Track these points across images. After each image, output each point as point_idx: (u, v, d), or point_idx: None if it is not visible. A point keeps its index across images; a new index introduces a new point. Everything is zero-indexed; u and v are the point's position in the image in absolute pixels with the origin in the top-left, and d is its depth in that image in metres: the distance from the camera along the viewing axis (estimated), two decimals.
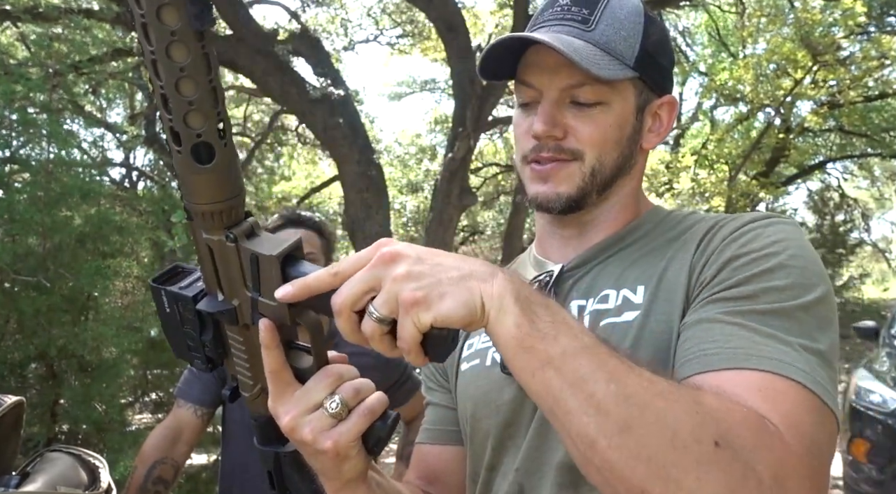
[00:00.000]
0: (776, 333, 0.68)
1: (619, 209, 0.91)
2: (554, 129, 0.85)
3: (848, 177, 17.37)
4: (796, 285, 0.71)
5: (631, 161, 0.90)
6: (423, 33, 12.72)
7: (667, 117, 0.90)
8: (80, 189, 3.77)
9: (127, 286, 4.37)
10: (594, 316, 0.82)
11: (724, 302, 0.72)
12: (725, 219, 0.83)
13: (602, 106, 0.84)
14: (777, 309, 0.70)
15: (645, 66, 0.85)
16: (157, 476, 1.78)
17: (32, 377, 4.04)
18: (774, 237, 0.75)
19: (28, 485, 1.40)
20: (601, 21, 0.83)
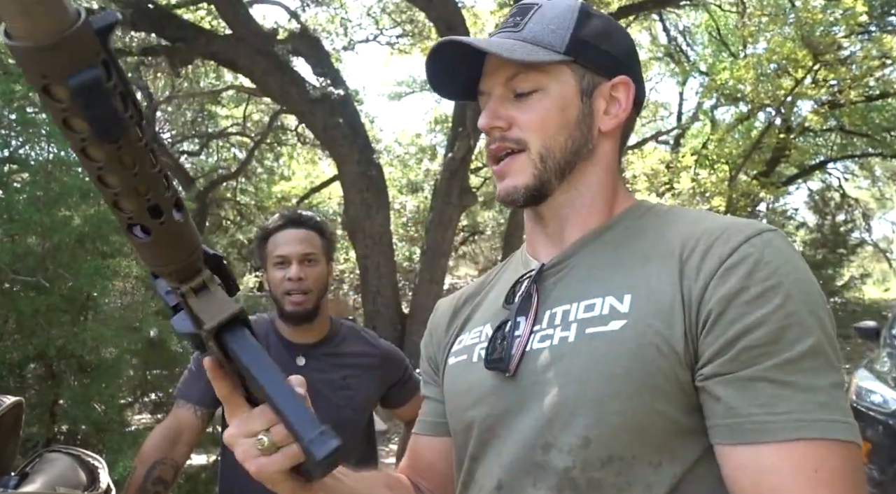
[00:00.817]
0: (812, 383, 0.71)
1: (592, 200, 0.93)
2: (496, 120, 0.90)
3: (849, 177, 17.39)
4: (807, 319, 0.74)
5: (588, 145, 0.91)
6: (423, 33, 12.71)
7: (623, 98, 0.91)
8: (80, 189, 3.76)
9: (126, 286, 4.36)
10: (581, 324, 0.82)
11: (748, 351, 0.73)
12: (711, 234, 0.81)
13: (539, 92, 0.89)
14: (803, 353, 0.72)
15: (579, 51, 0.89)
16: (157, 477, 1.77)
17: (31, 377, 4.04)
18: (774, 263, 0.76)
19: (27, 486, 1.40)
20: (530, 22, 0.90)
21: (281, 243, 1.89)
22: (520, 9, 0.93)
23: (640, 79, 0.95)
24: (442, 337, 1.05)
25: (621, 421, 0.76)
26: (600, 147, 0.93)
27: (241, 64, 8.49)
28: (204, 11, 10.60)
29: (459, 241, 18.34)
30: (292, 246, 1.87)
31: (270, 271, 1.90)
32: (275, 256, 1.88)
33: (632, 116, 0.94)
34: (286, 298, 1.86)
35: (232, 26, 8.51)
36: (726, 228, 0.81)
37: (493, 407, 0.87)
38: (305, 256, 1.87)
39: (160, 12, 8.34)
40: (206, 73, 13.00)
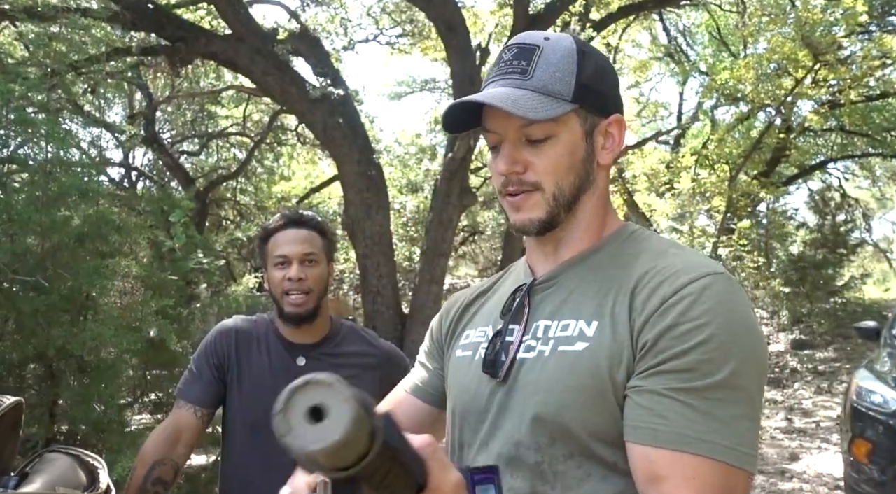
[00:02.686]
0: (711, 410, 0.83)
1: (585, 226, 1.05)
2: (514, 166, 1.01)
3: (849, 177, 17.39)
4: (727, 355, 0.85)
5: (590, 178, 1.03)
6: (422, 33, 12.71)
7: (617, 133, 1.03)
8: (79, 188, 3.76)
9: (126, 286, 4.36)
10: (556, 341, 0.96)
11: (666, 374, 0.86)
12: (662, 273, 0.93)
13: (551, 139, 0.99)
14: (710, 384, 0.84)
15: (583, 96, 0.99)
16: (157, 477, 1.77)
17: (31, 377, 4.04)
18: (707, 304, 0.87)
19: (27, 486, 1.40)
20: (537, 69, 0.98)
21: (282, 243, 1.89)
22: (522, 51, 1.01)
23: (622, 108, 1.07)
24: (453, 325, 1.20)
25: (579, 426, 0.91)
26: (598, 179, 1.05)
27: (240, 64, 8.48)
28: (204, 11, 10.60)
29: (459, 241, 18.33)
30: (293, 246, 1.88)
31: (271, 271, 1.89)
32: (275, 256, 1.88)
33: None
34: (286, 298, 1.86)
35: (232, 26, 8.50)
36: (676, 270, 0.92)
37: (484, 405, 1.01)
38: (306, 256, 1.87)
39: (160, 12, 8.33)
40: (206, 73, 13.00)
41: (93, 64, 6.15)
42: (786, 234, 15.07)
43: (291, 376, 1.97)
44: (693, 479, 0.82)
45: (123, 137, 10.33)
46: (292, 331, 1.91)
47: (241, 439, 1.86)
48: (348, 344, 1.96)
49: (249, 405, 1.85)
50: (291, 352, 1.90)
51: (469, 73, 9.09)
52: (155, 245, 4.85)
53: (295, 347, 1.91)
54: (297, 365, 1.85)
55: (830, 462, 6.35)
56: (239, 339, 1.91)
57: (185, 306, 5.08)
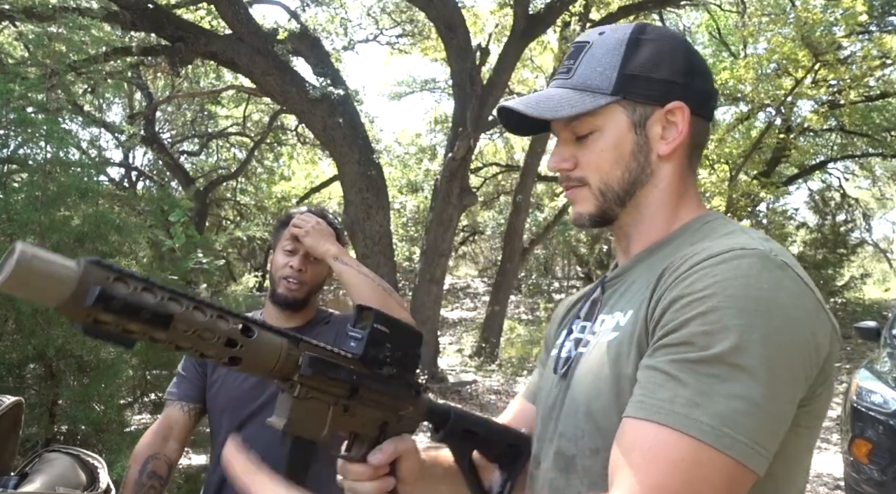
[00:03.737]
0: (700, 384, 0.76)
1: (650, 220, 1.01)
2: (562, 163, 1.02)
3: (849, 177, 17.37)
4: (727, 328, 0.77)
5: (646, 171, 0.99)
6: (422, 33, 12.71)
7: (680, 121, 0.97)
8: (78, 188, 3.76)
9: None
10: (601, 335, 0.96)
11: (664, 348, 0.81)
12: (692, 252, 0.87)
13: (595, 133, 0.98)
14: (705, 358, 0.77)
15: (627, 87, 0.96)
16: (151, 471, 1.82)
17: (31, 377, 4.03)
18: (719, 277, 0.80)
19: (27, 486, 1.40)
20: (580, 66, 0.99)
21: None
22: (574, 49, 1.02)
23: (703, 91, 0.99)
24: (558, 329, 1.19)
25: (604, 419, 0.88)
26: (660, 170, 1.00)
27: (240, 63, 8.47)
28: (204, 11, 10.60)
29: (459, 241, 18.33)
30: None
31: (277, 253, 1.99)
32: (286, 240, 1.96)
33: (698, 129, 1.00)
34: (282, 282, 1.95)
35: (232, 26, 8.50)
36: (705, 249, 0.86)
37: (552, 403, 1.02)
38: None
39: (160, 12, 8.33)
40: (206, 73, 13.00)
41: (92, 64, 6.14)
42: (786, 234, 15.06)
43: None
44: (649, 449, 0.76)
45: (123, 137, 10.33)
46: (279, 316, 1.99)
47: (219, 426, 1.93)
48: (330, 329, 2.02)
49: (226, 388, 1.92)
50: None
51: (469, 73, 9.09)
52: (155, 245, 4.85)
53: None
54: None
55: (830, 462, 6.35)
56: None
57: None
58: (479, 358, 11.33)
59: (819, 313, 0.82)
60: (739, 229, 0.93)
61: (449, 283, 16.07)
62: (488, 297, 12.95)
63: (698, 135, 1.00)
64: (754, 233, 0.90)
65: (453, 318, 16.28)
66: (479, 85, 9.24)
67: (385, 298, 1.84)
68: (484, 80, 9.64)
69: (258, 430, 1.85)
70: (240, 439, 1.82)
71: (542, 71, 13.96)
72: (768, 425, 0.76)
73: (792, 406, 0.79)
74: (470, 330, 14.34)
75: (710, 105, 1.01)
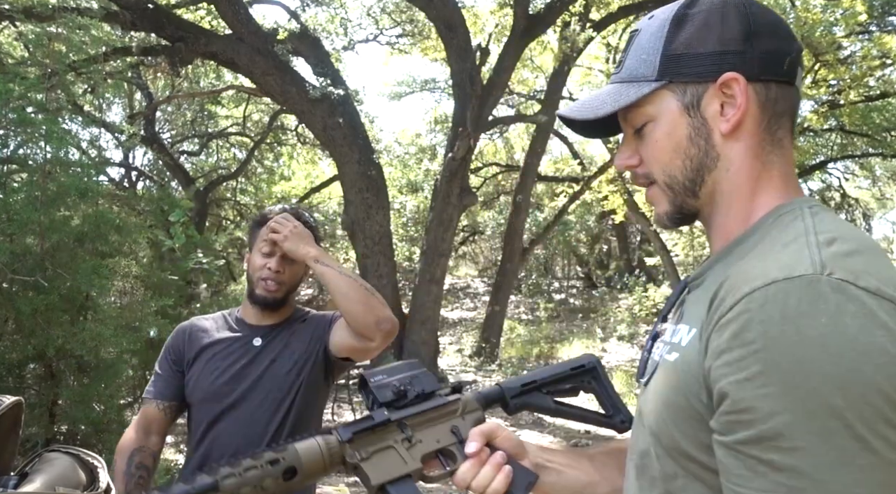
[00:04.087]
0: (794, 463, 0.67)
1: (725, 209, 0.91)
2: (626, 160, 0.97)
3: (849, 177, 17.34)
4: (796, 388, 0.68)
5: (710, 155, 0.90)
6: (422, 33, 12.71)
7: (738, 93, 0.86)
8: (78, 188, 3.76)
9: (126, 286, 4.36)
10: (670, 347, 0.89)
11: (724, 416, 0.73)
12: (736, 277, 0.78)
13: (649, 124, 0.92)
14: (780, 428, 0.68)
15: (672, 68, 0.89)
16: (139, 463, 1.88)
17: (31, 377, 4.03)
18: (764, 325, 0.70)
19: (26, 486, 1.39)
20: (628, 58, 0.94)
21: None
22: (627, 42, 0.96)
23: (770, 51, 0.87)
24: None
25: (667, 440, 0.83)
26: (728, 152, 0.89)
27: (240, 63, 8.48)
28: (204, 11, 10.59)
29: (459, 241, 18.33)
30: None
31: (255, 254, 2.00)
32: (262, 241, 1.98)
33: (771, 95, 0.87)
34: (260, 283, 1.97)
35: (232, 26, 8.50)
36: (746, 276, 0.76)
37: (639, 408, 0.97)
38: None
39: (160, 12, 8.33)
40: (206, 73, 13.00)
41: (92, 64, 6.15)
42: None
43: (249, 355, 2.02)
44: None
45: (123, 137, 10.32)
46: (256, 314, 2.02)
47: (195, 421, 1.97)
48: (307, 327, 2.05)
49: (201, 383, 1.95)
50: (251, 333, 2.00)
51: (469, 73, 9.08)
52: (155, 245, 4.85)
53: (254, 328, 2.01)
54: (254, 344, 1.98)
55: None
56: (193, 331, 2.03)
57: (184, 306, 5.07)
58: (479, 358, 11.33)
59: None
60: (804, 230, 0.79)
61: (449, 283, 16.07)
62: (488, 297, 12.96)
63: (774, 102, 0.87)
64: (820, 234, 0.77)
65: (453, 318, 16.28)
66: (479, 85, 9.24)
67: (367, 297, 1.86)
68: (484, 80, 9.64)
69: (233, 424, 1.90)
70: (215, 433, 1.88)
71: (542, 71, 13.95)
72: (880, 482, 0.66)
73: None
74: (470, 330, 14.34)
75: (780, 65, 0.87)
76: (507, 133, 17.98)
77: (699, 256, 14.50)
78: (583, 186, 12.80)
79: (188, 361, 1.99)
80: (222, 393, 1.91)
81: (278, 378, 1.93)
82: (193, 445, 1.95)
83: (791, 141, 0.92)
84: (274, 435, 1.89)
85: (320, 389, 2.03)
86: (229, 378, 1.91)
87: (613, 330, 13.79)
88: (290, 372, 1.94)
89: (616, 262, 18.97)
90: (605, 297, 16.74)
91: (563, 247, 18.44)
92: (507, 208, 15.05)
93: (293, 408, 1.93)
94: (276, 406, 1.91)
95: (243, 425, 1.90)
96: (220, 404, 1.91)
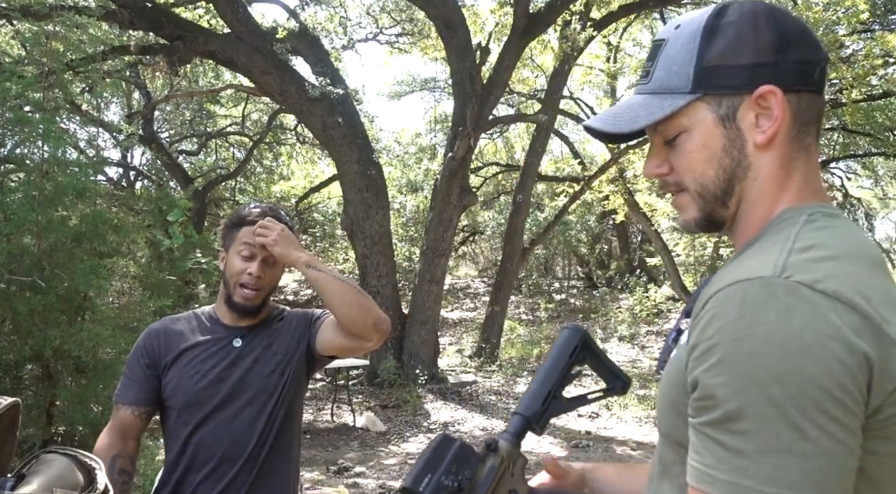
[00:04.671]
0: (735, 444, 0.74)
1: (748, 215, 0.94)
2: (658, 169, 0.98)
3: (851, 177, 17.34)
4: (736, 381, 0.75)
5: (742, 165, 0.92)
6: (422, 32, 12.68)
7: (775, 106, 0.88)
8: (76, 188, 3.73)
9: (124, 286, 4.33)
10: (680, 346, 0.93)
11: (694, 402, 0.80)
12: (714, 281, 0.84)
13: (683, 135, 0.93)
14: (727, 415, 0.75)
15: (707, 81, 0.90)
16: (120, 468, 1.85)
17: (28, 378, 4.00)
18: (725, 319, 0.77)
19: (24, 487, 1.37)
20: (657, 68, 0.94)
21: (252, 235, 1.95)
22: (652, 50, 0.97)
23: (801, 61, 0.89)
24: None
25: (666, 429, 0.91)
26: (758, 161, 0.92)
27: (239, 62, 8.45)
28: (202, 10, 10.57)
29: (459, 241, 18.31)
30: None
31: (232, 256, 1.96)
32: (242, 244, 1.94)
33: (802, 105, 0.90)
34: (238, 289, 1.93)
35: (231, 25, 8.47)
36: (721, 277, 0.83)
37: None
38: (270, 256, 1.94)
39: (158, 11, 8.30)
40: (205, 72, 12.98)
41: (89, 63, 6.12)
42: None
43: (230, 357, 1.99)
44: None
45: (121, 136, 10.29)
46: (234, 318, 1.98)
47: (175, 426, 1.93)
48: (286, 325, 2.03)
49: (182, 387, 1.92)
50: (229, 334, 1.97)
51: (469, 73, 9.06)
52: (153, 244, 4.83)
53: (232, 330, 1.98)
54: (233, 346, 1.95)
55: None
56: (168, 334, 1.99)
57: (183, 306, 5.04)
58: (479, 358, 11.30)
59: (850, 324, 0.74)
60: (786, 237, 0.84)
61: (449, 283, 16.04)
62: (488, 297, 12.93)
63: (804, 111, 0.90)
64: (799, 242, 0.82)
65: (453, 318, 16.26)
66: (479, 84, 9.22)
67: (362, 300, 1.86)
68: (484, 80, 9.61)
69: (218, 427, 1.87)
70: (199, 437, 1.86)
71: (543, 70, 13.93)
72: (818, 465, 0.72)
73: (845, 430, 0.73)
74: (470, 331, 14.31)
75: (811, 75, 0.90)
76: (507, 132, 17.97)
77: (700, 256, 14.49)
78: (583, 186, 12.77)
79: (165, 365, 1.94)
80: (205, 397, 1.88)
81: (262, 378, 1.91)
82: (176, 449, 1.92)
83: (817, 146, 0.95)
84: (260, 436, 1.88)
85: (302, 385, 2.01)
86: (211, 380, 1.88)
87: (614, 331, 13.77)
88: (273, 372, 1.92)
89: (617, 262, 18.96)
90: (605, 297, 16.72)
91: (563, 246, 18.42)
92: (507, 208, 15.02)
93: (279, 408, 1.91)
94: (261, 406, 1.89)
95: (229, 427, 1.87)
96: (204, 408, 1.88)
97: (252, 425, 1.88)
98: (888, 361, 0.74)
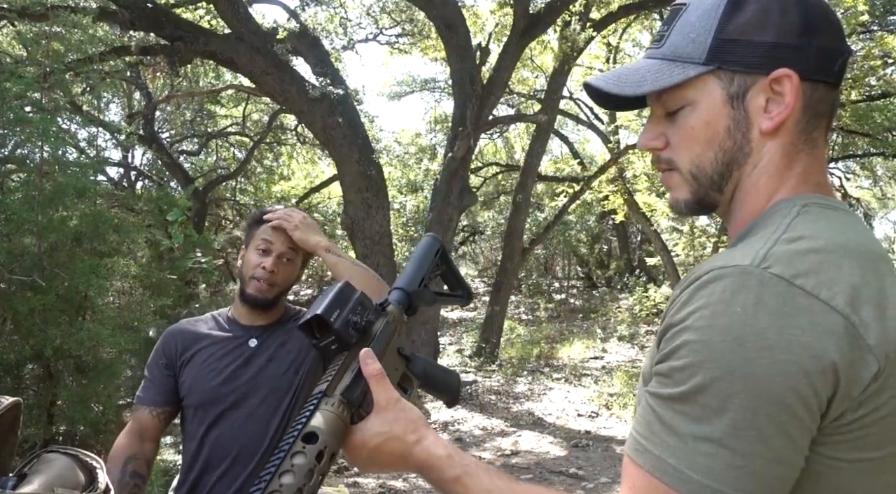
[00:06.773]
0: (673, 422, 0.74)
1: (742, 204, 0.90)
2: (651, 141, 0.92)
3: (850, 177, 17.35)
4: (696, 363, 0.73)
5: (743, 150, 0.87)
6: (422, 32, 12.69)
7: (788, 92, 0.83)
8: (76, 188, 3.74)
9: (124, 285, 4.34)
10: None
11: (654, 378, 0.79)
12: (693, 271, 0.82)
13: (686, 108, 0.88)
14: (676, 395, 0.74)
15: (723, 55, 0.84)
16: (133, 471, 1.86)
17: (29, 378, 4.01)
18: (697, 304, 0.75)
19: (25, 487, 1.38)
20: (672, 33, 0.88)
21: (271, 232, 1.99)
22: (670, 14, 0.91)
23: (824, 49, 0.84)
24: None
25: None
26: (760, 148, 0.87)
27: (240, 63, 8.46)
28: (203, 10, 10.58)
29: (459, 241, 18.32)
30: (280, 240, 1.97)
31: (250, 252, 2.00)
32: (260, 240, 1.98)
33: (816, 96, 0.85)
34: (252, 282, 1.97)
35: (231, 25, 8.48)
36: (704, 265, 0.81)
37: None
38: (286, 253, 1.98)
39: (159, 11, 8.31)
40: (206, 73, 12.98)
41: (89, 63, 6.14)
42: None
43: (244, 356, 2.02)
44: (632, 489, 0.76)
45: (122, 137, 10.30)
46: (248, 314, 2.01)
47: (192, 425, 1.95)
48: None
49: (198, 386, 1.94)
50: (245, 334, 2.00)
51: (469, 73, 9.07)
52: (153, 244, 4.84)
53: (248, 329, 2.01)
54: (249, 345, 1.97)
55: None
56: (185, 334, 2.02)
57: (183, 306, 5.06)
58: (478, 358, 11.31)
59: (823, 326, 0.70)
60: (776, 227, 0.80)
61: None
62: (488, 297, 12.94)
63: (816, 103, 0.85)
64: (788, 232, 0.79)
65: (453, 318, 16.27)
66: (479, 84, 9.22)
67: (381, 288, 1.87)
68: (484, 80, 9.62)
69: (234, 425, 1.89)
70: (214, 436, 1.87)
71: (543, 70, 13.94)
72: (745, 465, 0.70)
73: (786, 439, 0.71)
74: (470, 331, 14.32)
75: (832, 66, 0.84)
76: (507, 133, 17.98)
77: (699, 256, 14.48)
78: (583, 186, 12.78)
79: (181, 364, 1.97)
80: (221, 395, 1.90)
81: (276, 377, 1.93)
82: (193, 448, 1.94)
83: (825, 140, 0.90)
84: (275, 434, 1.88)
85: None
86: (227, 379, 1.91)
87: (614, 331, 13.77)
88: (288, 370, 1.94)
89: (616, 262, 18.97)
90: (605, 297, 16.73)
91: (563, 246, 18.44)
92: (507, 208, 15.03)
93: (294, 405, 1.93)
94: (276, 404, 1.91)
95: (244, 425, 1.89)
96: (219, 406, 1.90)
97: (267, 424, 1.90)
98: (858, 367, 0.71)
